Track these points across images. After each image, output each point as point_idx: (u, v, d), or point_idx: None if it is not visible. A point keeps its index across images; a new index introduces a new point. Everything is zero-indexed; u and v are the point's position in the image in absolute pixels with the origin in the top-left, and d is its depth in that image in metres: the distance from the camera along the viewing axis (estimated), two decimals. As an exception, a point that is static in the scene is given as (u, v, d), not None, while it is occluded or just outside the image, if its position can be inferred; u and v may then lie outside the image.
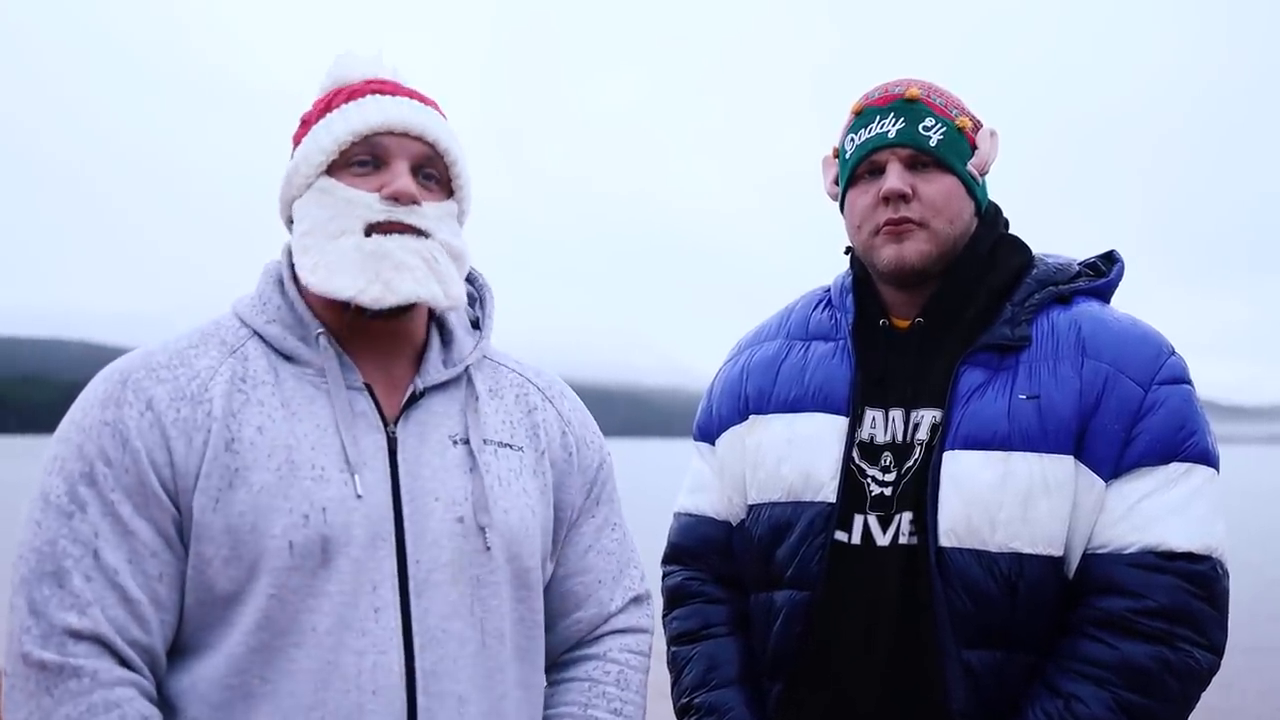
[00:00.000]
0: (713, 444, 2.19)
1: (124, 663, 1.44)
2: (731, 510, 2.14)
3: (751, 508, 2.07)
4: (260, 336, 1.61)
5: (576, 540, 1.80)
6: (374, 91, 1.64)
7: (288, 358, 1.60)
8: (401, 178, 1.59)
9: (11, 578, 1.46)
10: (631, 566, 1.85)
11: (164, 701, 1.49)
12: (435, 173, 1.65)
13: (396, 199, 1.58)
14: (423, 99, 1.68)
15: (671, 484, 2.27)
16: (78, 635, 1.42)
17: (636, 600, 1.83)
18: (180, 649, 1.51)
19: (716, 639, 2.09)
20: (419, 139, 1.62)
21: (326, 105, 1.66)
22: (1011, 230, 2.11)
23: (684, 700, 2.08)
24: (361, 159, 1.61)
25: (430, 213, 1.61)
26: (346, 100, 1.63)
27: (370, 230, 1.57)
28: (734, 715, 2.01)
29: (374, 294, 1.54)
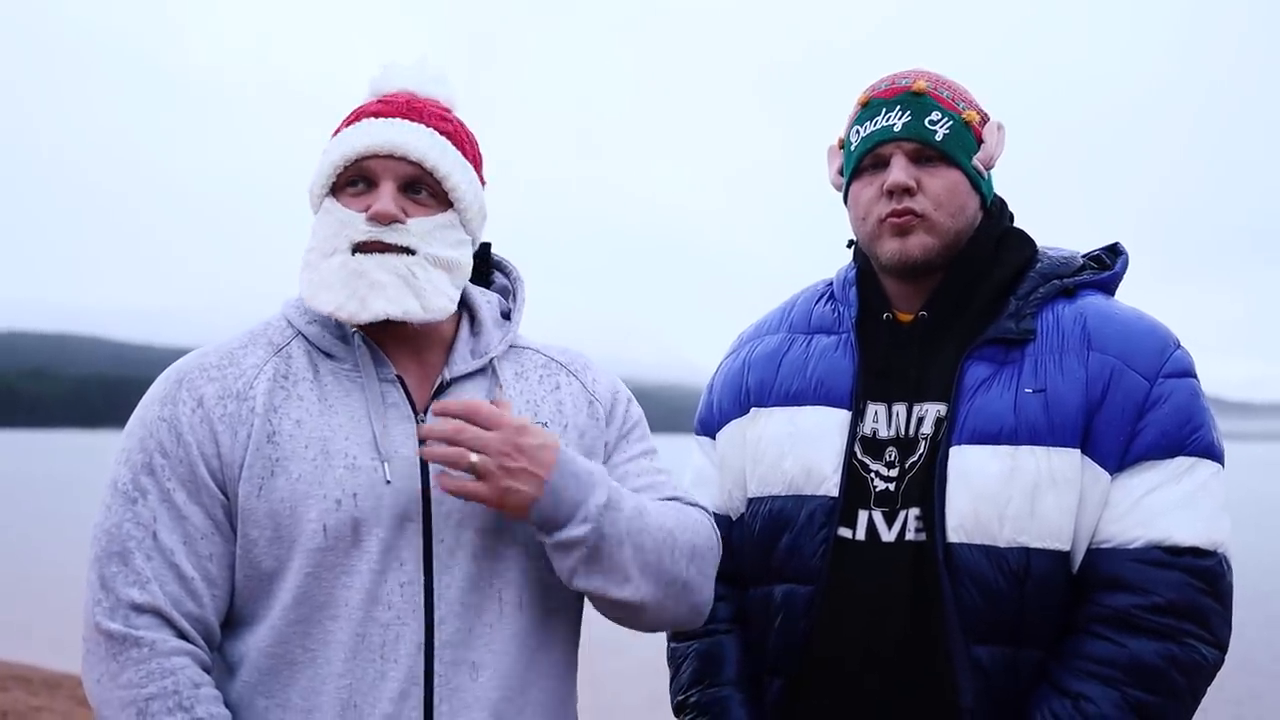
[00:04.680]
0: (714, 438, 2.17)
1: (180, 634, 1.61)
2: (731, 504, 2.12)
3: (751, 501, 2.06)
4: (303, 336, 1.76)
5: (608, 471, 1.80)
6: (374, 113, 1.75)
7: (327, 354, 1.74)
8: (383, 199, 1.69)
9: (87, 555, 1.66)
10: (670, 486, 1.85)
11: (224, 664, 1.68)
12: (426, 188, 1.74)
13: (378, 219, 1.68)
14: (425, 116, 1.76)
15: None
16: (139, 609, 1.60)
17: (681, 502, 1.83)
18: (235, 620, 1.68)
19: (714, 636, 2.07)
20: (404, 159, 1.72)
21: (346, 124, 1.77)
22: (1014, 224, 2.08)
23: (680, 698, 2.07)
24: (353, 180, 1.73)
25: (417, 228, 1.71)
26: (354, 121, 1.75)
27: (356, 249, 1.69)
28: (729, 717, 2.00)
29: (350, 310, 1.66)
